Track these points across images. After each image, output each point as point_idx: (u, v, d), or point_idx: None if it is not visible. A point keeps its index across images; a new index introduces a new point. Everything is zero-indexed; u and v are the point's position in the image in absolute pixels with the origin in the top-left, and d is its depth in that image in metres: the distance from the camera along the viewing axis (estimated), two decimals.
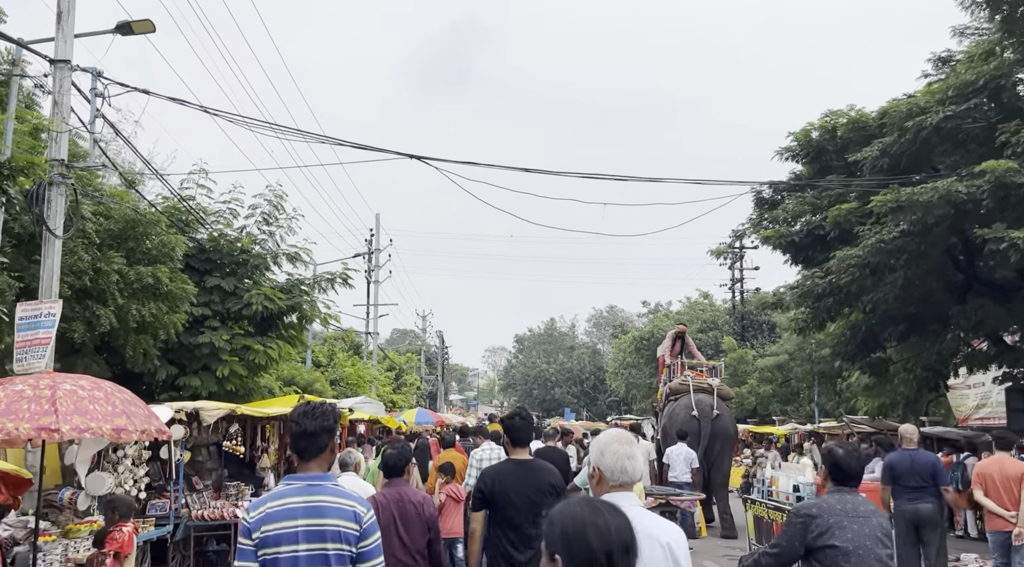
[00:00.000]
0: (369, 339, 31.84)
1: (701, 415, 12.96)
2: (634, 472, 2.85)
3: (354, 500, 3.02)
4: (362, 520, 2.97)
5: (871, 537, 3.63)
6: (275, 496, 2.99)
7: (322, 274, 15.33)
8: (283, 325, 15.14)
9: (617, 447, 2.90)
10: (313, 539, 2.90)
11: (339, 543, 2.92)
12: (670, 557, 2.69)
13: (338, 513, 2.94)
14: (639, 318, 68.13)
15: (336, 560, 2.91)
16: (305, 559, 2.88)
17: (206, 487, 10.51)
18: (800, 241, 14.01)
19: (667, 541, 2.71)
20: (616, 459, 2.86)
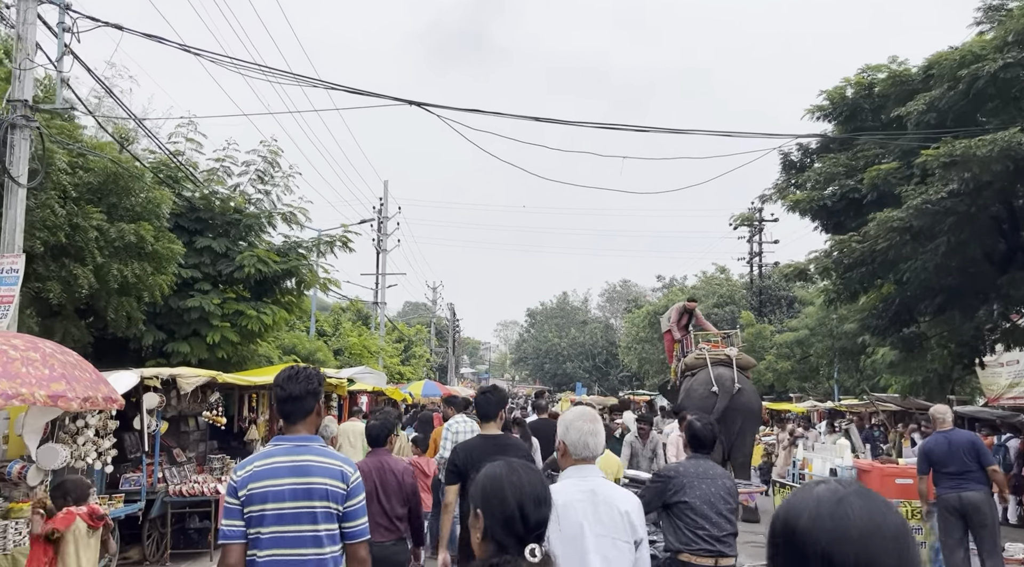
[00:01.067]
0: (377, 309, 31.07)
1: (722, 390, 12.05)
2: (595, 448, 3.07)
3: (340, 460, 3.07)
4: (348, 479, 3.01)
5: (716, 495, 4.33)
6: (263, 455, 3.03)
7: (321, 236, 14.45)
8: (280, 290, 14.35)
9: (581, 424, 3.09)
10: (300, 497, 2.92)
11: (326, 501, 2.95)
12: (627, 522, 2.95)
13: (325, 472, 2.98)
14: (653, 292, 67.17)
15: (323, 517, 2.95)
16: (292, 516, 2.91)
17: (189, 460, 9.78)
18: (833, 205, 12.97)
19: (626, 509, 2.97)
20: (579, 435, 3.06)
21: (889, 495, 7.45)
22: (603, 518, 2.95)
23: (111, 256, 10.78)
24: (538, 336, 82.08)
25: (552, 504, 2.03)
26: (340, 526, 3.01)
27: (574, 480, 3.04)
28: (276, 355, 17.22)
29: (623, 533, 2.95)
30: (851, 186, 12.67)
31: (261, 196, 14.26)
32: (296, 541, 2.92)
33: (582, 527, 2.91)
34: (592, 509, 2.95)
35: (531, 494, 1.98)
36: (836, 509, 1.16)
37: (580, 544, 2.88)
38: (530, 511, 1.94)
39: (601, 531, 2.94)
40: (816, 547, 1.14)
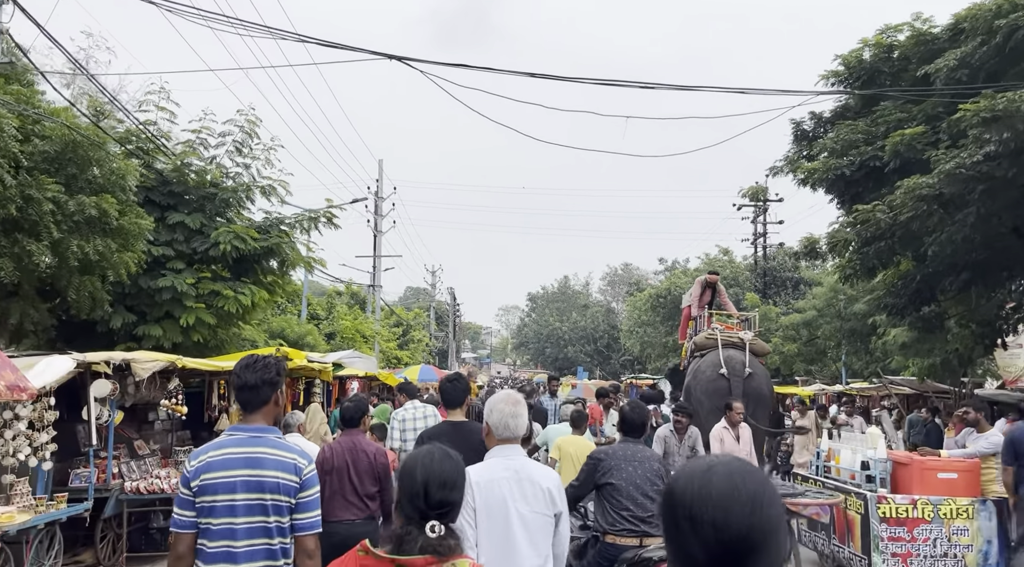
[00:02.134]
0: (372, 292, 30.23)
1: (731, 373, 11.18)
2: (516, 429, 3.28)
3: (295, 453, 3.03)
4: (302, 472, 2.99)
5: (642, 477, 4.50)
6: (216, 445, 3.01)
7: (303, 212, 13.58)
8: (261, 270, 13.51)
9: (503, 407, 3.30)
10: (252, 489, 2.90)
11: (277, 494, 2.93)
12: (549, 497, 3.18)
13: (278, 465, 2.96)
14: (655, 276, 66.38)
15: (273, 510, 2.94)
16: (242, 508, 2.90)
17: (153, 453, 8.96)
18: (851, 175, 12.02)
19: (547, 485, 3.20)
20: (501, 417, 3.28)
21: (930, 491, 6.63)
22: (527, 494, 3.14)
23: (70, 231, 9.93)
24: (539, 320, 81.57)
25: (463, 489, 2.22)
26: (292, 517, 2.98)
27: (499, 459, 3.23)
28: (262, 339, 16.42)
29: (545, 507, 3.16)
30: (871, 154, 11.75)
31: (240, 170, 13.38)
32: (246, 532, 2.90)
33: (506, 502, 3.12)
34: (517, 486, 3.15)
35: (438, 477, 2.15)
36: (703, 476, 1.33)
37: (505, 518, 3.10)
38: (433, 491, 2.12)
39: (524, 506, 3.13)
40: (684, 508, 1.31)
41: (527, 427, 3.50)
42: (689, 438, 8.23)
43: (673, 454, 8.11)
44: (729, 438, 8.18)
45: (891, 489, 6.70)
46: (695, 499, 1.29)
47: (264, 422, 3.06)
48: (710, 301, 13.75)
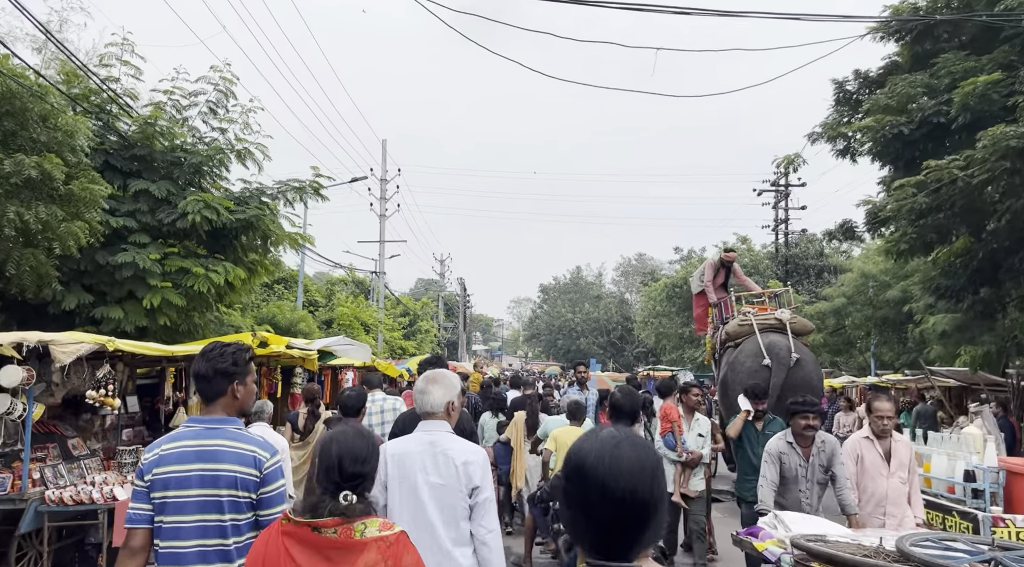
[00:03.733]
0: (376, 279, 28.83)
1: (776, 362, 9.68)
2: (424, 404, 3.41)
3: (255, 445, 2.85)
4: (263, 465, 2.81)
5: None
6: (171, 438, 2.88)
7: (287, 181, 12.14)
8: (241, 247, 12.09)
9: (418, 383, 3.54)
10: (207, 484, 2.74)
11: (233, 489, 2.76)
12: (463, 473, 3.19)
13: (235, 458, 2.79)
14: (670, 265, 64.86)
15: (230, 507, 2.76)
16: (194, 505, 2.73)
17: (93, 453, 7.57)
18: (910, 134, 10.47)
19: (463, 460, 3.22)
20: (415, 393, 3.49)
21: None
22: (439, 467, 3.21)
23: (7, 196, 8.55)
24: (551, 312, 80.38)
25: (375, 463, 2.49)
26: (256, 514, 2.79)
27: (419, 434, 3.35)
28: (248, 325, 15.04)
29: (455, 481, 3.19)
30: (934, 108, 10.18)
31: (215, 135, 11.93)
32: (199, 531, 2.71)
33: (417, 474, 3.21)
34: (430, 460, 3.23)
35: (350, 452, 2.41)
36: (614, 451, 1.47)
37: (415, 489, 3.20)
38: (347, 465, 2.38)
39: (436, 479, 3.20)
40: (596, 480, 1.45)
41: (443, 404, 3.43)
42: (821, 452, 5.40)
43: (798, 480, 5.41)
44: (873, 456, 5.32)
45: (1005, 507, 5.19)
46: (608, 472, 1.44)
47: (223, 414, 2.89)
48: (724, 282, 12.23)
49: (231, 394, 2.90)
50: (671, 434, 7.37)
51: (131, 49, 11.11)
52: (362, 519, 2.29)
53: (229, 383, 2.89)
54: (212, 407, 2.90)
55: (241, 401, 2.96)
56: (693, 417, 7.59)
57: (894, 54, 12.99)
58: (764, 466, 5.53)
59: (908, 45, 12.58)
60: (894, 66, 12.91)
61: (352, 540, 2.25)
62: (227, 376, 2.88)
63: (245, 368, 2.96)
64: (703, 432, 7.57)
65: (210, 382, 2.89)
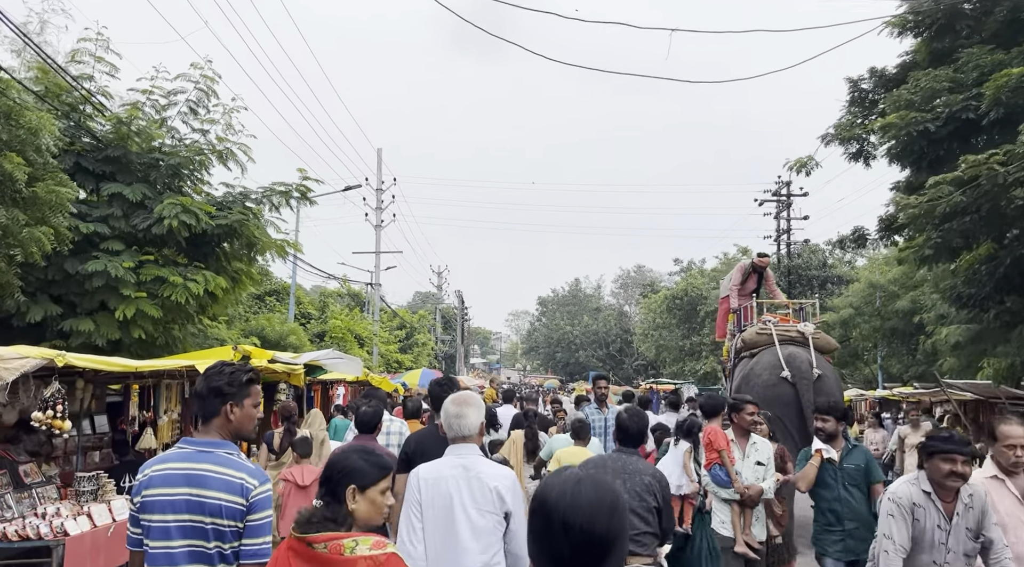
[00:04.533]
0: (372, 290, 28.13)
1: (796, 376, 8.97)
2: (460, 428, 3.40)
3: (245, 472, 2.72)
4: (250, 493, 2.68)
5: (631, 492, 4.08)
6: (161, 459, 2.79)
7: (272, 185, 11.45)
8: (224, 255, 11.40)
9: (449, 407, 3.46)
10: (193, 510, 2.64)
11: (218, 517, 2.64)
12: (496, 496, 3.20)
13: (222, 485, 2.67)
14: (670, 277, 64.33)
15: (214, 535, 2.64)
16: (178, 530, 2.64)
17: (48, 480, 6.83)
18: (936, 131, 9.83)
19: (495, 484, 3.22)
20: (446, 418, 3.44)
21: None
22: (474, 491, 3.20)
23: None
24: (550, 324, 79.81)
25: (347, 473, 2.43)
26: (240, 543, 2.66)
27: (450, 457, 3.35)
28: (234, 338, 14.32)
29: (490, 505, 3.19)
30: (962, 103, 9.55)
31: (196, 136, 11.26)
32: (187, 556, 2.62)
33: (451, 498, 3.20)
34: (464, 484, 3.22)
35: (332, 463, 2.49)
36: (574, 488, 1.58)
37: (450, 512, 3.19)
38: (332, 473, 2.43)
39: (470, 502, 3.20)
40: (558, 514, 1.55)
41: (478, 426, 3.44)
42: (969, 510, 3.85)
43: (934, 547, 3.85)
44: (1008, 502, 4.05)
45: None
46: (568, 508, 1.54)
47: (217, 436, 2.78)
48: (755, 289, 11.51)
49: (224, 416, 2.78)
50: (718, 466, 5.74)
51: (106, 45, 10.45)
52: (354, 536, 2.30)
53: (223, 404, 2.78)
54: (207, 428, 2.80)
55: (236, 424, 2.82)
56: (748, 441, 5.93)
57: (911, 51, 12.37)
58: (887, 522, 3.85)
59: (926, 41, 11.97)
60: (911, 63, 12.30)
61: (341, 557, 2.25)
62: (221, 396, 2.78)
63: (242, 389, 2.82)
64: (763, 459, 5.87)
65: (204, 401, 2.81)
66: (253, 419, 2.87)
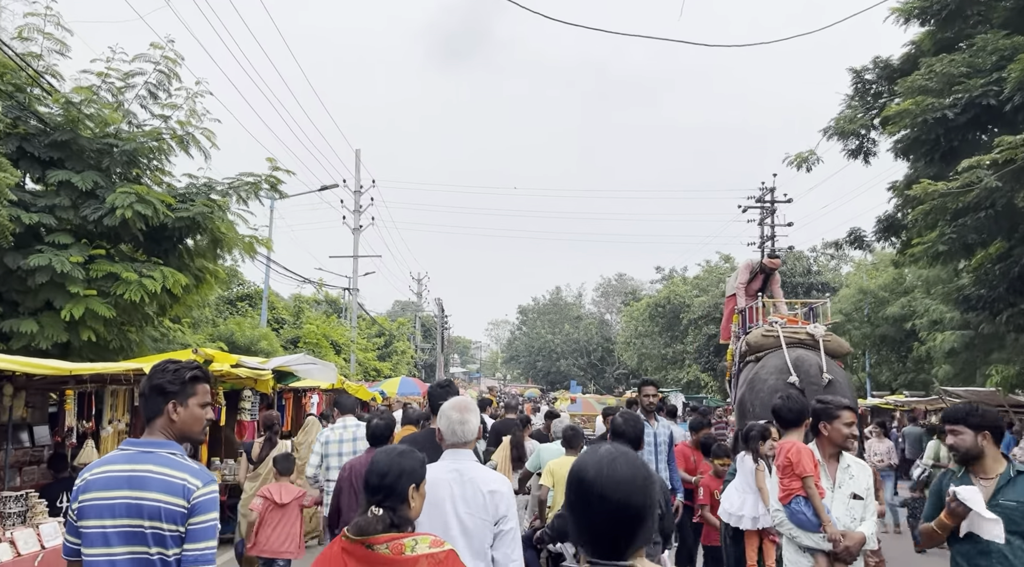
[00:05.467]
0: (350, 296, 27.21)
1: (805, 381, 8.23)
2: (463, 434, 3.37)
3: (188, 472, 2.55)
4: (191, 495, 2.52)
5: None
6: (102, 462, 2.63)
7: (239, 176, 10.60)
8: (186, 251, 10.53)
9: (451, 413, 3.41)
10: (133, 514, 2.48)
11: (158, 521, 2.48)
12: (490, 501, 3.17)
13: (163, 486, 2.50)
14: (651, 285, 63.95)
15: (154, 540, 2.47)
16: (116, 536, 2.48)
17: None
18: (955, 119, 9.22)
19: (489, 489, 3.20)
20: (448, 424, 3.39)
21: None
22: (467, 496, 3.18)
23: None
24: (530, 333, 79.13)
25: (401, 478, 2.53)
26: (182, 549, 2.49)
27: (446, 461, 3.33)
28: (199, 342, 13.38)
29: (483, 511, 3.17)
30: (982, 89, 8.94)
31: (157, 122, 10.39)
32: (129, 564, 2.47)
33: (445, 501, 3.18)
34: (459, 489, 3.20)
35: (377, 468, 2.55)
36: (611, 464, 1.72)
37: (443, 514, 3.17)
38: (372, 479, 2.53)
39: (464, 506, 3.18)
40: (596, 488, 1.70)
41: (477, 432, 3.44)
42: None
43: None
44: None
45: None
46: (606, 482, 1.68)
47: (160, 436, 2.63)
48: (760, 290, 10.81)
49: (167, 416, 2.64)
50: (803, 500, 4.13)
51: (56, 20, 9.57)
52: (413, 535, 2.42)
53: (166, 402, 2.65)
54: (150, 428, 2.67)
55: (180, 425, 2.67)
56: (840, 464, 4.25)
57: (915, 40, 11.80)
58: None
59: (932, 32, 11.41)
60: (916, 54, 11.73)
61: (402, 556, 2.33)
62: (163, 394, 2.65)
63: (186, 388, 2.67)
64: (861, 491, 4.20)
65: (147, 401, 2.68)
66: (200, 420, 2.69)
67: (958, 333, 20.32)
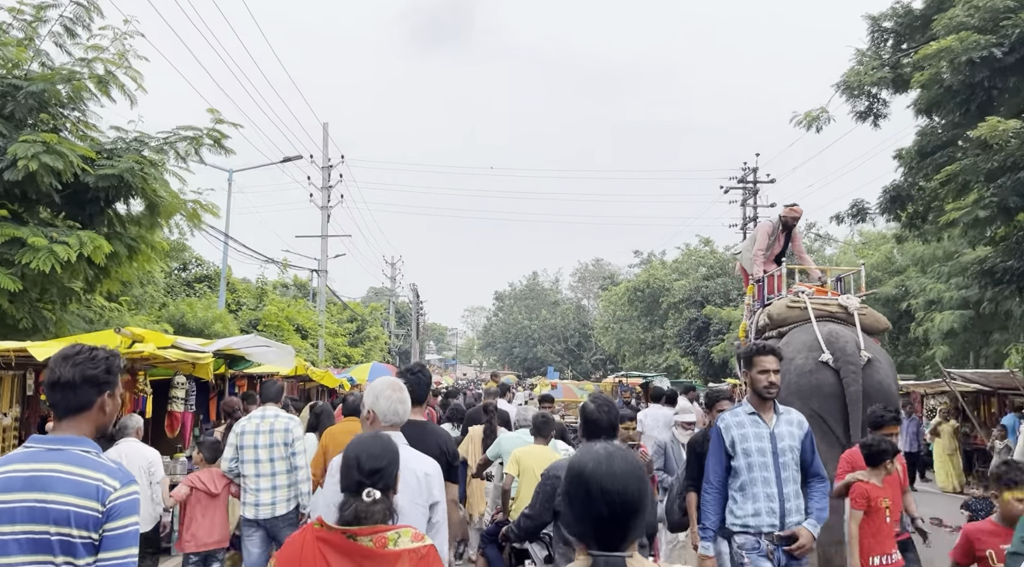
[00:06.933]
0: (318, 277, 25.74)
1: (840, 360, 7.01)
2: (403, 414, 3.30)
3: (104, 472, 2.22)
4: (107, 497, 2.18)
5: None
6: (3, 460, 2.34)
7: (177, 129, 9.15)
8: (116, 216, 9.09)
9: (390, 393, 3.30)
10: (36, 519, 2.16)
11: (66, 527, 2.14)
12: (425, 485, 3.10)
13: (72, 488, 2.18)
14: (629, 269, 63.11)
15: (62, 548, 2.14)
16: (17, 544, 2.15)
17: None
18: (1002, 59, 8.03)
19: (424, 472, 3.12)
20: (389, 403, 3.27)
21: None
22: (404, 479, 2.89)
23: None
24: (507, 319, 78.16)
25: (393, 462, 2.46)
26: (97, 559, 2.18)
27: None
28: (143, 323, 11.90)
29: (418, 495, 3.07)
30: None
31: (78, 68, 8.87)
32: None
33: None
34: None
35: (367, 449, 2.43)
36: (608, 460, 1.80)
37: None
38: (364, 461, 2.38)
39: (402, 490, 2.96)
40: (596, 482, 1.77)
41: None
42: None
43: None
44: None
45: None
46: (605, 476, 1.76)
47: (78, 432, 2.29)
48: (780, 254, 9.42)
49: (100, 408, 2.32)
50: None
51: None
52: (396, 528, 2.31)
53: (100, 394, 2.31)
54: (67, 423, 2.29)
55: (109, 417, 2.39)
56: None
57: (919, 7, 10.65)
58: None
59: None
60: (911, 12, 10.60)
61: (385, 551, 2.25)
62: (97, 385, 2.30)
63: (118, 377, 2.38)
64: None
65: (75, 392, 2.28)
66: (116, 413, 2.41)
67: (957, 313, 19.34)
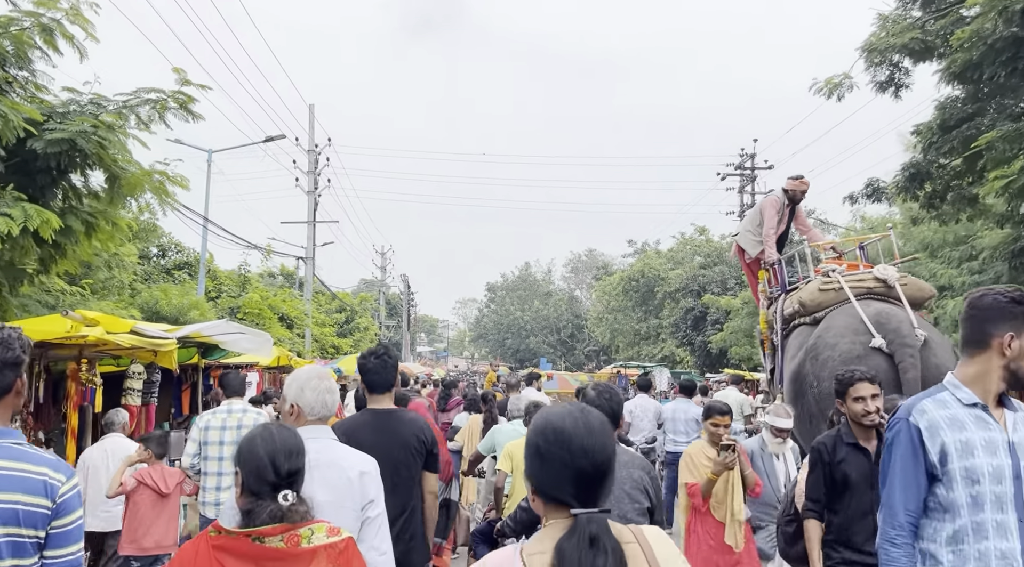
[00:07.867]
0: (304, 265, 24.78)
1: (894, 343, 6.12)
2: (332, 405, 3.05)
3: (46, 465, 2.12)
4: (56, 493, 2.09)
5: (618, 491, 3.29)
6: None
7: (138, 91, 8.17)
8: (71, 188, 8.12)
9: (317, 383, 3.06)
10: None
11: (13, 526, 2.01)
12: (358, 486, 2.83)
13: (16, 484, 2.04)
14: (623, 259, 62.44)
15: (9, 550, 2.00)
16: None
17: None
18: None
19: (358, 472, 2.86)
20: (317, 394, 3.02)
21: None
22: (329, 479, 2.80)
23: None
24: (499, 310, 77.50)
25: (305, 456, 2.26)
26: (42, 556, 2.07)
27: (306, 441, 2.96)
28: (109, 310, 10.95)
29: (348, 498, 2.83)
30: None
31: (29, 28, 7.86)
32: None
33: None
34: (317, 472, 2.74)
35: (282, 447, 2.19)
36: (584, 417, 1.84)
37: None
38: (280, 461, 2.16)
39: (324, 493, 2.73)
40: (577, 440, 1.80)
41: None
42: None
43: None
44: None
45: None
46: (584, 434, 1.79)
47: (2, 422, 2.13)
48: (785, 231, 8.59)
49: (16, 391, 2.16)
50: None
51: None
52: (308, 524, 2.15)
53: (16, 376, 2.16)
54: None
55: (20, 401, 2.21)
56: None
57: None
58: None
59: None
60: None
61: (300, 549, 2.10)
62: (15, 367, 2.16)
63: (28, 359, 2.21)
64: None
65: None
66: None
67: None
